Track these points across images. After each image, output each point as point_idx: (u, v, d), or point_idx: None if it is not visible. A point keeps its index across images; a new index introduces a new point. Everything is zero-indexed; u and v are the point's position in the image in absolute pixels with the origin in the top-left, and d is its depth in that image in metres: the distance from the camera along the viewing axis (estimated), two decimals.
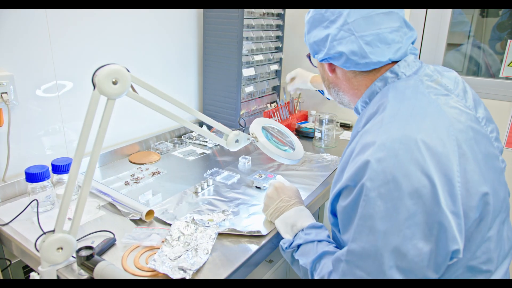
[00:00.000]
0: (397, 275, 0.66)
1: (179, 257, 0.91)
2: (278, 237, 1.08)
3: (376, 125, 0.74)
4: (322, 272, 0.81)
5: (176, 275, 0.85)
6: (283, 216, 1.01)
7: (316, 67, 1.00)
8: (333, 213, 0.83)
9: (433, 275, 0.67)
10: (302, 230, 0.95)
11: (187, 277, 0.85)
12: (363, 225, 0.68)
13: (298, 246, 0.92)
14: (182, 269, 0.87)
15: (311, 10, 0.89)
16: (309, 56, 1.01)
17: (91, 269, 0.81)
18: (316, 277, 0.83)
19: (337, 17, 0.83)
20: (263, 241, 1.02)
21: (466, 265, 0.74)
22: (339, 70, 0.90)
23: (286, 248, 0.95)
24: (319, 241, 0.89)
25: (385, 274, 0.66)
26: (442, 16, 1.78)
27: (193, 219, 1.06)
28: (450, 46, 1.91)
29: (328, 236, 0.92)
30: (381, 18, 0.81)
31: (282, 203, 1.04)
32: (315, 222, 0.97)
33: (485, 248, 0.74)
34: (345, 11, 0.81)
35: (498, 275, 0.78)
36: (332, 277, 0.76)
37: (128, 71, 0.82)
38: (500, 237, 0.78)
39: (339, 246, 0.88)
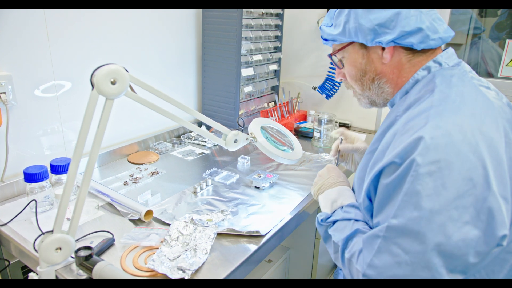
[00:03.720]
0: (436, 259, 0.64)
1: (178, 257, 0.91)
2: (277, 236, 1.08)
3: (425, 108, 0.73)
4: (353, 249, 0.79)
5: (175, 275, 0.85)
6: (326, 192, 1.01)
7: (340, 67, 0.95)
8: (369, 196, 0.81)
9: (475, 260, 0.65)
10: (342, 207, 0.93)
11: (186, 277, 0.85)
12: (408, 201, 0.66)
13: (334, 222, 0.91)
14: (181, 269, 0.87)
15: None
16: (330, 55, 0.95)
17: (90, 269, 0.81)
18: (346, 255, 0.81)
19: None
20: (262, 241, 1.02)
21: (501, 257, 0.71)
22: (397, 54, 0.85)
23: (322, 220, 0.93)
24: (356, 220, 0.87)
25: (425, 255, 0.65)
26: (442, 16, 1.78)
27: (192, 219, 1.06)
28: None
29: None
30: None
31: (329, 180, 1.04)
32: (356, 202, 0.94)
33: None
34: None
35: None
36: (362, 255, 0.74)
37: (127, 71, 0.82)
38: None
39: None
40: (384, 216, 0.72)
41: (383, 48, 0.85)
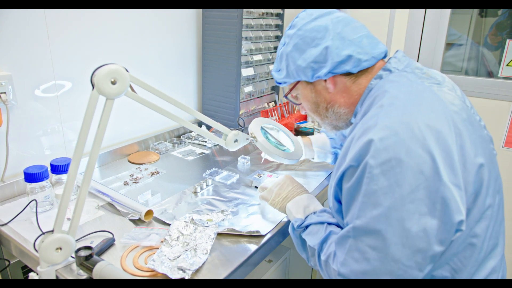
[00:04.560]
0: (401, 251, 0.68)
1: (178, 257, 0.91)
2: (278, 236, 1.08)
3: (376, 110, 0.77)
4: (328, 251, 0.83)
5: (175, 275, 0.85)
6: (296, 199, 1.04)
7: (298, 103, 1.04)
8: (337, 199, 0.84)
9: (439, 248, 0.69)
10: (315, 212, 0.97)
11: (186, 277, 0.85)
12: (367, 201, 0.71)
13: (307, 226, 0.94)
14: (181, 269, 0.87)
15: (290, 39, 0.93)
16: (286, 96, 1.04)
17: (90, 269, 0.81)
18: (322, 257, 0.84)
19: (324, 32, 0.89)
20: (262, 241, 1.02)
21: (466, 242, 0.76)
22: (339, 81, 0.92)
23: (298, 226, 0.95)
24: (329, 223, 0.91)
25: (389, 249, 0.69)
26: (441, 16, 1.78)
27: (192, 219, 1.06)
28: (450, 46, 1.91)
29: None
30: (358, 26, 0.91)
31: (295, 189, 1.08)
32: (327, 208, 0.98)
33: (484, 225, 0.77)
34: (329, 25, 0.89)
35: (496, 257, 0.82)
36: (336, 256, 0.78)
37: (127, 71, 0.82)
38: (495, 218, 0.81)
39: None
40: (350, 217, 0.76)
41: (325, 80, 0.92)
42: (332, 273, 0.80)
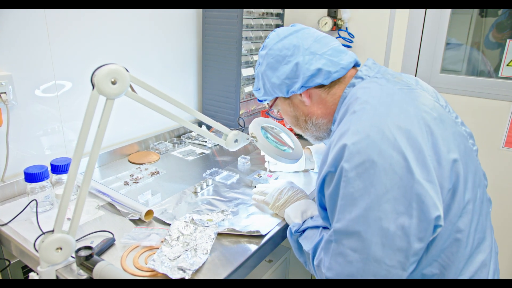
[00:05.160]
0: (381, 251, 0.69)
1: (178, 257, 0.91)
2: (278, 236, 1.08)
3: (349, 117, 0.80)
4: (320, 256, 0.83)
5: (176, 275, 0.85)
6: (295, 205, 1.07)
7: (280, 118, 1.08)
8: (322, 206, 0.86)
9: (419, 245, 0.70)
10: (312, 217, 1.00)
11: (187, 277, 0.85)
12: (345, 204, 0.73)
13: (304, 230, 0.95)
14: (182, 269, 0.87)
15: (263, 60, 0.99)
16: (268, 112, 1.09)
17: (90, 269, 0.81)
18: (315, 262, 0.85)
19: (294, 49, 0.94)
20: (263, 241, 1.02)
21: (451, 238, 0.77)
22: (314, 94, 0.96)
23: (295, 231, 0.96)
24: (324, 227, 0.92)
25: (370, 250, 0.70)
26: (441, 16, 1.78)
27: (192, 219, 1.06)
28: (449, 46, 1.91)
29: None
30: (326, 38, 0.96)
31: (294, 194, 1.10)
32: None
33: (466, 220, 0.78)
34: (299, 42, 0.94)
35: (484, 251, 0.83)
36: (324, 260, 0.79)
37: (127, 71, 0.82)
38: (478, 213, 0.82)
39: None
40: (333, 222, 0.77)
41: (300, 94, 0.96)
42: (323, 277, 0.81)
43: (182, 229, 1.01)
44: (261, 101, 1.09)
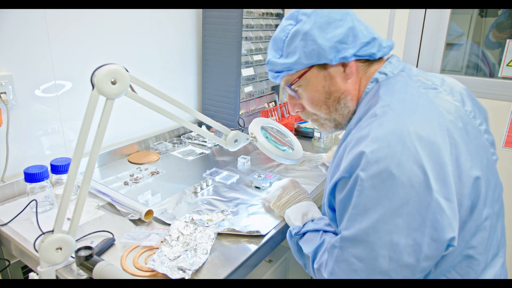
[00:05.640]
0: (388, 265, 0.68)
1: (178, 257, 0.91)
2: (278, 236, 1.08)
3: (369, 119, 0.75)
4: (321, 259, 0.82)
5: (175, 275, 0.85)
6: (296, 206, 1.03)
7: (298, 97, 0.92)
8: (331, 207, 0.84)
9: (428, 264, 0.68)
10: (313, 220, 0.97)
11: (186, 277, 0.85)
12: (356, 213, 0.70)
13: (304, 233, 0.93)
14: (181, 269, 0.87)
15: (307, 18, 0.84)
16: (290, 86, 0.90)
17: (90, 269, 0.81)
18: (315, 266, 0.83)
19: (344, 15, 0.85)
20: (262, 241, 1.02)
21: (463, 254, 0.75)
22: (357, 67, 0.86)
23: (295, 234, 0.94)
24: (325, 231, 0.89)
25: (376, 262, 0.68)
26: (441, 16, 1.78)
27: (192, 219, 1.06)
28: (450, 46, 1.91)
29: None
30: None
31: (296, 195, 1.08)
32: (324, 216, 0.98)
33: (480, 238, 0.76)
34: (348, 11, 0.86)
35: (495, 266, 0.80)
36: (327, 264, 0.78)
37: (127, 71, 0.82)
38: (494, 228, 0.80)
39: None
40: (340, 227, 0.76)
41: (345, 65, 0.85)
42: None
43: (182, 229, 1.01)
44: (279, 72, 0.90)
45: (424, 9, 1.81)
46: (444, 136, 0.72)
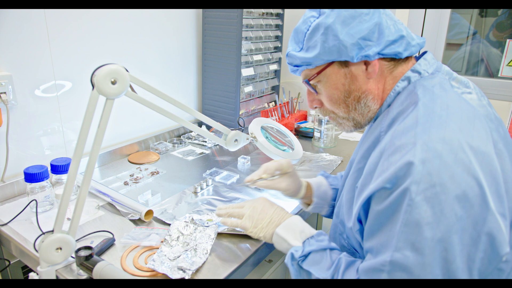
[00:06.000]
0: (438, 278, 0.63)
1: (178, 257, 0.91)
2: None
3: (411, 124, 0.69)
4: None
5: (175, 275, 0.85)
6: (287, 223, 0.91)
7: (317, 93, 0.87)
8: (359, 219, 0.77)
9: (477, 277, 0.64)
10: (312, 237, 0.87)
11: (186, 277, 0.85)
12: (409, 232, 0.63)
13: (308, 254, 0.84)
14: (181, 269, 0.87)
15: (330, 10, 0.79)
16: (308, 81, 0.85)
17: (90, 269, 0.81)
18: None
19: (370, 9, 0.78)
20: (262, 241, 1.02)
21: (496, 267, 0.69)
22: (380, 67, 0.81)
23: (299, 256, 0.83)
24: (331, 249, 0.83)
25: (428, 277, 0.63)
26: (441, 16, 1.78)
27: (192, 219, 1.05)
28: (450, 46, 1.91)
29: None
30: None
31: (278, 211, 0.95)
32: (320, 230, 0.91)
33: None
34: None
35: None
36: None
37: (127, 71, 0.82)
38: None
39: (353, 254, 0.85)
40: (378, 244, 0.68)
41: (367, 63, 0.79)
42: None
43: (182, 229, 1.01)
44: (298, 66, 0.85)
45: (424, 9, 1.81)
46: (491, 145, 0.68)
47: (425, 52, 0.84)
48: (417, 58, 0.83)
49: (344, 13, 0.77)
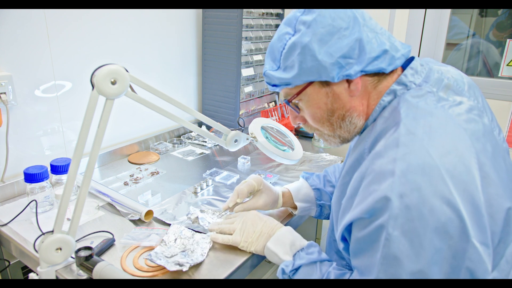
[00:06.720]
0: None
1: (175, 255, 0.91)
2: None
3: (391, 148, 0.67)
4: None
5: (173, 268, 0.85)
6: (277, 237, 0.91)
7: (298, 112, 0.84)
8: (343, 239, 0.77)
9: None
10: (302, 249, 0.87)
11: (184, 270, 0.85)
12: (388, 264, 0.63)
13: (299, 267, 0.83)
14: (179, 264, 0.87)
15: (306, 28, 0.73)
16: (288, 102, 0.82)
17: (90, 270, 0.81)
18: None
19: (350, 21, 0.73)
20: None
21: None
22: (363, 84, 0.77)
23: (290, 271, 0.83)
24: (321, 261, 0.83)
25: None
26: (441, 16, 1.78)
27: (197, 217, 1.05)
28: (450, 45, 1.91)
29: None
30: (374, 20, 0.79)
31: (268, 223, 0.95)
32: (311, 241, 0.92)
33: (506, 267, 0.70)
34: (355, 14, 0.74)
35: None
36: None
37: (127, 71, 0.82)
38: None
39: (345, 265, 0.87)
40: (362, 266, 0.69)
41: (350, 81, 0.76)
42: None
43: (181, 233, 1.01)
44: (276, 85, 0.81)
45: (424, 9, 1.81)
46: (476, 169, 0.65)
47: (412, 58, 0.80)
48: (404, 65, 0.79)
49: (320, 30, 0.72)
